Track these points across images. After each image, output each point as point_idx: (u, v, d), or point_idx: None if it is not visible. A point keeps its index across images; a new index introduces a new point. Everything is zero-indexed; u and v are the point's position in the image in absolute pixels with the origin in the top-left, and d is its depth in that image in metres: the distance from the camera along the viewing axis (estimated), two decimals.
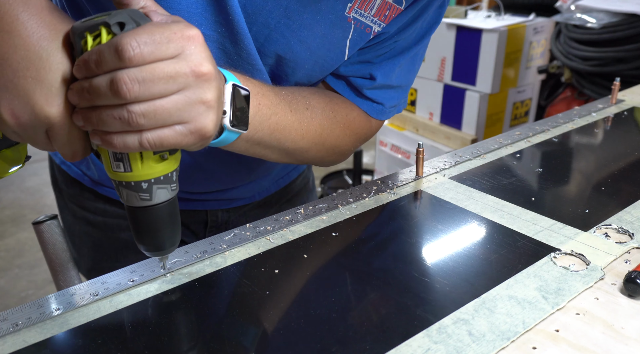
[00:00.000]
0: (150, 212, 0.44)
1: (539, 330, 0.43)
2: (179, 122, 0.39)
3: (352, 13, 0.57)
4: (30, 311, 0.46)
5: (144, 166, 0.42)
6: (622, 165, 0.74)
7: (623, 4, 1.74)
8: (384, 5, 0.58)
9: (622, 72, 1.73)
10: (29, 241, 2.42)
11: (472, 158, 0.77)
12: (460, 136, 2.06)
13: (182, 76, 0.38)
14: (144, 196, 0.43)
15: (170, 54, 0.38)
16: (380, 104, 0.67)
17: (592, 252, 0.53)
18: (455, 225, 0.59)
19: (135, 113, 0.37)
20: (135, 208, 0.44)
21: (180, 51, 0.38)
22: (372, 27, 0.59)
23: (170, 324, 0.45)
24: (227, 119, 0.46)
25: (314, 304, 0.47)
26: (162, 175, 0.43)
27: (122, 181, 0.42)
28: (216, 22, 0.52)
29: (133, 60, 0.36)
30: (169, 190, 0.44)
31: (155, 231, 0.45)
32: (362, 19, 0.58)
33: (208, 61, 0.40)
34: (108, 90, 0.37)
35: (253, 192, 0.79)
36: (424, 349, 0.41)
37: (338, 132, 0.64)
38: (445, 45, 2.03)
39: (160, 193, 0.43)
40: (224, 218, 0.79)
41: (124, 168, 0.42)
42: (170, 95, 0.38)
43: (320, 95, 0.63)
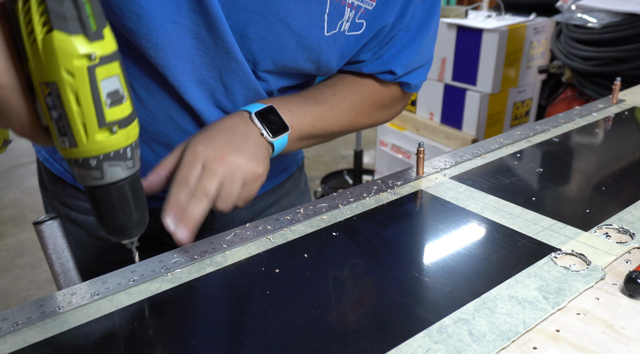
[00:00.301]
0: (105, 192, 0.42)
1: (540, 330, 0.43)
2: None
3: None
4: (31, 311, 0.46)
5: (89, 140, 0.39)
6: (622, 165, 0.74)
7: (624, 4, 1.74)
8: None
9: (622, 71, 1.73)
10: (29, 241, 2.42)
11: (473, 158, 0.77)
12: (461, 136, 2.06)
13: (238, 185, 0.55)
14: (95, 174, 0.41)
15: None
16: (408, 85, 0.72)
17: (592, 252, 0.53)
18: (456, 224, 0.59)
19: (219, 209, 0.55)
20: (88, 187, 0.42)
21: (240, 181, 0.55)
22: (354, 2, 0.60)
23: (170, 323, 0.45)
24: (268, 136, 0.58)
25: (314, 304, 0.46)
26: (112, 151, 0.40)
27: (71, 159, 0.40)
28: (190, 9, 0.52)
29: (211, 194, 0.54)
30: (123, 168, 0.42)
31: (114, 213, 0.43)
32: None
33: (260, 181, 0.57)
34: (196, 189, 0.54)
35: None
36: (424, 349, 0.41)
37: (369, 101, 0.71)
38: (445, 45, 2.03)
39: (113, 171, 0.41)
40: (209, 219, 0.78)
41: (69, 144, 0.39)
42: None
43: (347, 77, 0.70)
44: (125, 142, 0.41)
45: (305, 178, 0.91)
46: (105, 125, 0.39)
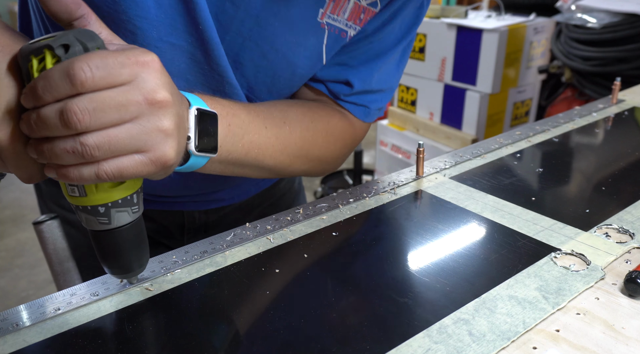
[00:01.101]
0: (112, 236, 0.43)
1: (540, 330, 0.43)
2: (136, 151, 0.38)
3: (324, 19, 0.56)
4: (30, 311, 0.46)
5: (98, 190, 0.40)
6: (622, 165, 0.74)
7: (624, 4, 1.74)
8: (358, 9, 0.57)
9: (622, 71, 1.73)
10: (29, 241, 2.42)
11: (473, 158, 0.77)
12: (461, 136, 2.06)
13: (135, 104, 0.37)
14: (102, 221, 0.42)
15: (123, 80, 0.36)
16: (364, 106, 0.66)
17: (592, 252, 0.53)
18: (456, 224, 0.59)
19: (89, 145, 0.36)
20: (95, 231, 0.43)
21: (134, 77, 0.37)
22: (347, 31, 0.58)
23: (170, 323, 0.45)
24: (192, 144, 0.45)
25: (314, 304, 0.46)
26: (120, 198, 0.41)
27: (79, 206, 0.41)
28: (186, 31, 0.51)
29: (85, 84, 0.35)
30: (129, 213, 0.43)
31: (118, 254, 0.44)
32: (335, 24, 0.57)
33: (164, 88, 0.38)
34: (58, 121, 0.35)
35: (232, 194, 0.77)
36: (424, 349, 0.41)
37: (321, 141, 0.62)
38: (445, 45, 2.03)
39: (119, 216, 0.42)
40: (202, 219, 0.77)
41: (79, 193, 0.40)
42: (124, 124, 0.37)
43: (298, 106, 0.62)
44: (133, 189, 0.42)
45: (300, 179, 0.91)
46: None
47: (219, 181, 0.70)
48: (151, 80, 0.38)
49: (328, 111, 0.64)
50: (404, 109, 2.33)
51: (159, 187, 0.69)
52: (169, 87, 0.39)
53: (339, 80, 0.63)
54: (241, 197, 0.78)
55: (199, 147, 0.45)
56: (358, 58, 0.62)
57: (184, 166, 0.46)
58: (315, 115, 0.62)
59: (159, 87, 0.38)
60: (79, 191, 0.40)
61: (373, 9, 0.57)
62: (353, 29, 0.58)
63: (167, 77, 0.39)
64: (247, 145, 0.53)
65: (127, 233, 0.43)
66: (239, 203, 0.78)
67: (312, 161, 0.63)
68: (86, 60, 0.35)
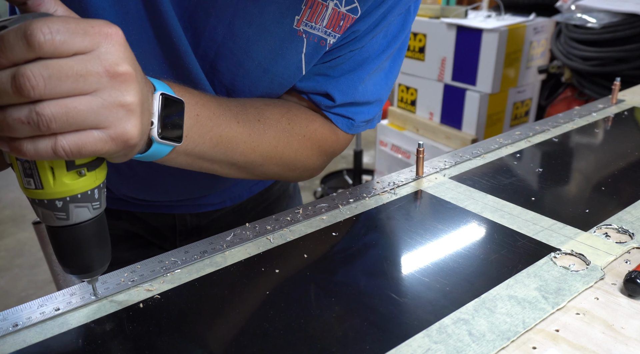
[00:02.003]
0: (70, 232, 0.41)
1: (539, 330, 0.43)
2: (96, 126, 0.36)
3: (301, 26, 0.54)
4: (30, 311, 0.46)
5: (56, 183, 0.38)
6: (622, 165, 0.74)
7: (623, 4, 1.74)
8: (337, 16, 0.54)
9: (622, 72, 1.73)
10: (29, 241, 2.42)
11: (472, 158, 0.77)
12: (461, 136, 2.06)
13: (95, 75, 0.35)
14: (60, 216, 0.39)
15: (83, 48, 0.34)
16: (349, 119, 0.63)
17: (592, 252, 0.53)
18: (456, 224, 0.59)
19: (45, 115, 0.33)
20: (52, 227, 0.40)
21: (96, 47, 0.35)
22: (327, 39, 0.55)
23: (170, 323, 0.45)
24: (155, 130, 0.42)
25: (314, 304, 0.47)
26: (79, 192, 0.39)
27: (35, 199, 0.39)
28: (154, 38, 0.50)
29: (43, 47, 0.32)
30: (90, 209, 0.40)
31: (77, 253, 0.42)
32: (313, 32, 0.54)
33: (126, 61, 0.36)
34: (9, 87, 0.32)
35: (223, 198, 0.76)
36: (424, 349, 0.41)
37: (296, 145, 0.60)
38: (445, 45, 2.03)
39: (79, 212, 0.40)
40: (194, 222, 0.76)
41: (35, 185, 0.38)
42: (84, 96, 0.35)
43: (277, 105, 0.59)
44: (94, 183, 0.40)
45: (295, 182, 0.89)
46: (74, 168, 0.38)
47: (206, 184, 0.69)
48: (114, 52, 0.35)
49: (309, 115, 0.61)
50: (403, 109, 2.33)
51: (145, 191, 0.68)
52: (131, 62, 0.37)
53: (319, 92, 0.60)
54: (233, 201, 0.77)
55: (162, 134, 0.43)
56: (339, 68, 0.59)
57: (146, 154, 0.44)
58: (294, 117, 0.60)
59: (121, 59, 0.36)
60: (35, 184, 0.38)
61: (353, 16, 0.55)
62: (332, 37, 0.55)
63: (130, 53, 0.37)
64: (216, 138, 0.51)
65: (87, 230, 0.41)
66: (232, 206, 0.78)
67: (286, 164, 0.60)
68: (46, 23, 0.33)
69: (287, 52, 0.55)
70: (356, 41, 0.58)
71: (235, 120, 0.53)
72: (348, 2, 0.54)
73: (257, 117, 0.56)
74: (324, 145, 0.63)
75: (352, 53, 0.58)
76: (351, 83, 0.60)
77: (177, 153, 0.47)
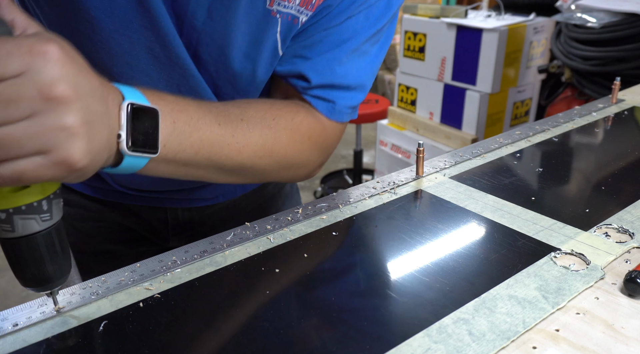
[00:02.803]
0: (18, 244, 0.39)
1: (539, 330, 0.43)
2: (36, 152, 0.34)
3: (274, 5, 0.53)
4: (30, 311, 0.46)
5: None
6: (622, 165, 0.74)
7: (623, 4, 1.74)
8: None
9: (622, 71, 1.73)
10: None
11: (472, 158, 0.77)
12: (461, 136, 2.06)
13: (27, 100, 0.32)
14: (5, 228, 0.38)
15: (11, 72, 0.32)
16: (329, 101, 0.60)
17: (592, 252, 0.53)
18: (456, 224, 0.59)
19: None
20: (1, 239, 0.39)
21: (26, 68, 0.32)
22: (299, 17, 0.54)
23: (170, 323, 0.45)
24: (124, 144, 0.41)
25: (314, 304, 0.47)
26: (23, 205, 0.37)
27: None
28: (141, 24, 0.50)
29: None
30: (37, 221, 0.39)
31: (28, 265, 0.40)
32: (286, 11, 0.54)
33: (63, 81, 0.34)
34: None
35: (216, 193, 0.75)
36: (424, 349, 0.41)
37: (285, 139, 0.58)
38: (445, 44, 2.03)
39: (25, 224, 0.38)
40: (186, 217, 0.76)
41: None
42: (19, 122, 0.32)
43: (260, 103, 0.58)
44: (41, 195, 0.38)
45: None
46: None
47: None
48: (47, 71, 0.33)
49: (292, 108, 0.60)
50: (403, 109, 2.33)
51: (136, 180, 0.68)
52: (71, 79, 0.34)
53: (294, 74, 0.59)
54: (226, 197, 0.77)
55: (132, 147, 0.41)
56: (315, 49, 0.57)
57: (118, 167, 0.42)
58: (278, 111, 0.58)
59: (56, 79, 0.33)
60: None
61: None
62: (304, 15, 0.54)
63: (72, 68, 0.35)
64: (197, 143, 0.49)
65: (36, 242, 0.39)
66: (225, 202, 0.77)
67: (278, 162, 0.58)
68: None
69: (264, 35, 0.54)
70: (330, 18, 0.56)
71: (216, 123, 0.51)
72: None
73: (240, 116, 0.54)
74: (313, 136, 0.61)
75: (327, 32, 0.57)
76: (327, 63, 0.58)
77: (156, 162, 0.46)
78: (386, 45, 0.63)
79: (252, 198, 0.80)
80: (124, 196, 0.73)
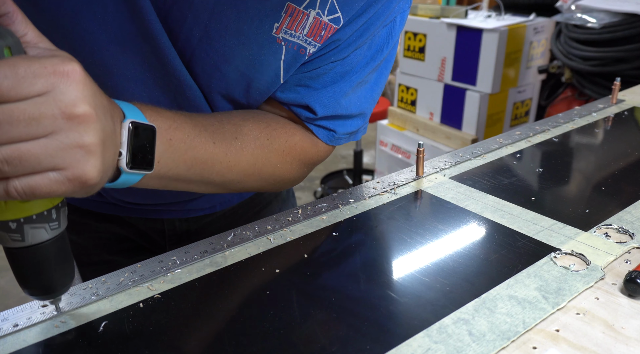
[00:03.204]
0: (27, 254, 0.39)
1: (539, 330, 0.43)
2: (52, 168, 0.35)
3: (280, 34, 0.52)
4: (31, 311, 0.46)
5: (8, 204, 0.37)
6: (622, 165, 0.74)
7: (623, 4, 1.74)
8: (318, 25, 0.53)
9: (622, 72, 1.73)
10: None
11: (473, 158, 0.77)
12: (461, 136, 2.06)
13: (50, 118, 0.34)
14: (14, 237, 0.38)
15: (36, 92, 0.33)
16: (331, 131, 0.61)
17: (592, 252, 0.53)
18: (456, 224, 0.59)
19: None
20: (8, 248, 0.39)
21: (50, 89, 0.34)
22: (307, 47, 0.54)
23: (170, 323, 0.45)
24: (124, 161, 0.41)
25: (314, 304, 0.47)
26: (34, 214, 0.38)
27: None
28: (135, 35, 0.50)
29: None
30: (47, 230, 0.39)
31: (36, 275, 0.40)
32: (293, 40, 0.53)
33: (84, 101, 0.35)
34: None
35: (213, 203, 0.75)
36: (424, 349, 0.41)
37: (275, 160, 0.59)
38: (445, 45, 2.03)
39: (35, 233, 0.38)
40: (183, 227, 0.75)
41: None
42: (39, 139, 0.34)
43: (256, 120, 0.58)
44: (50, 203, 0.39)
45: None
46: None
47: None
48: (70, 92, 0.34)
49: (289, 129, 0.60)
50: (403, 109, 2.33)
51: (129, 193, 0.68)
52: (91, 100, 0.36)
53: (300, 104, 0.59)
54: (223, 206, 0.76)
55: (131, 164, 0.42)
56: (320, 79, 0.57)
57: (115, 182, 0.43)
58: (273, 132, 0.58)
59: (78, 100, 0.35)
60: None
61: (335, 26, 0.53)
62: (312, 46, 0.54)
63: (91, 89, 0.36)
64: (190, 161, 0.50)
65: (44, 251, 0.39)
66: (222, 211, 0.77)
67: (266, 179, 0.59)
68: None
69: (265, 59, 0.54)
70: (338, 51, 0.56)
71: (211, 141, 0.52)
72: (331, 12, 0.53)
73: (235, 135, 0.55)
74: (304, 158, 0.62)
75: (334, 64, 0.57)
76: (333, 96, 0.58)
77: (149, 178, 0.46)
78: (386, 71, 0.63)
79: (249, 205, 0.79)
80: (119, 209, 0.72)
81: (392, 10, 0.57)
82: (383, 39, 0.59)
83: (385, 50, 0.60)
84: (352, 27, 0.55)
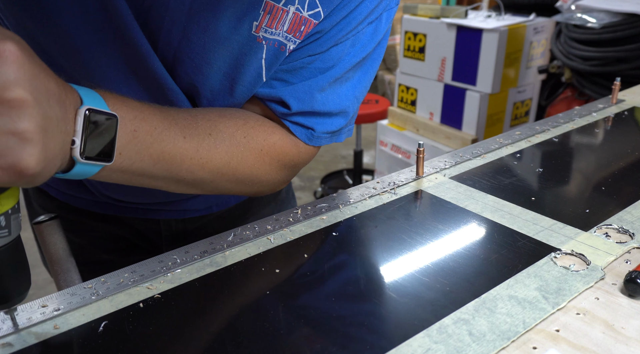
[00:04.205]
0: None
1: (539, 330, 0.43)
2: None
3: (260, 32, 0.51)
4: (31, 311, 0.46)
5: None
6: (622, 165, 0.74)
7: (623, 4, 1.74)
8: (298, 20, 0.52)
9: (622, 71, 1.73)
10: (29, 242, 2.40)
11: (473, 158, 0.77)
12: (461, 136, 2.06)
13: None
14: None
15: None
16: (308, 129, 0.59)
17: (592, 252, 0.53)
18: (456, 224, 0.59)
19: None
20: None
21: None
22: (287, 44, 0.53)
23: (170, 323, 0.45)
24: (77, 150, 0.39)
25: (314, 304, 0.47)
26: None
27: None
28: (114, 37, 0.49)
29: None
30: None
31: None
32: (273, 37, 0.52)
33: (18, 84, 0.32)
34: None
35: (209, 204, 0.73)
36: (424, 349, 0.41)
37: (252, 160, 0.56)
38: (445, 45, 2.03)
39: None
40: (179, 228, 0.74)
41: None
42: None
43: (233, 117, 0.55)
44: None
45: (289, 187, 0.86)
46: None
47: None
48: (2, 73, 0.31)
49: (268, 128, 0.58)
50: (403, 109, 2.33)
51: (125, 193, 0.67)
52: (27, 83, 0.33)
53: (274, 99, 0.57)
54: (220, 207, 0.75)
55: (85, 154, 0.39)
56: (296, 74, 0.56)
57: (70, 173, 0.40)
58: (250, 130, 0.56)
59: (10, 83, 0.32)
60: None
61: (315, 21, 0.52)
62: (292, 43, 0.53)
63: (29, 71, 0.33)
64: (157, 155, 0.47)
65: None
66: (219, 212, 0.76)
67: (240, 180, 0.56)
68: None
69: (247, 58, 0.53)
70: (317, 44, 0.54)
71: (181, 135, 0.49)
72: (311, 7, 0.52)
73: (209, 131, 0.52)
74: (283, 159, 0.59)
75: (313, 58, 0.55)
76: (308, 90, 0.56)
77: (109, 170, 0.44)
78: (371, 70, 0.61)
79: (247, 207, 0.78)
80: (114, 208, 0.72)
81: (377, 6, 0.56)
82: (367, 36, 0.57)
83: (369, 47, 0.58)
84: (332, 20, 0.54)
